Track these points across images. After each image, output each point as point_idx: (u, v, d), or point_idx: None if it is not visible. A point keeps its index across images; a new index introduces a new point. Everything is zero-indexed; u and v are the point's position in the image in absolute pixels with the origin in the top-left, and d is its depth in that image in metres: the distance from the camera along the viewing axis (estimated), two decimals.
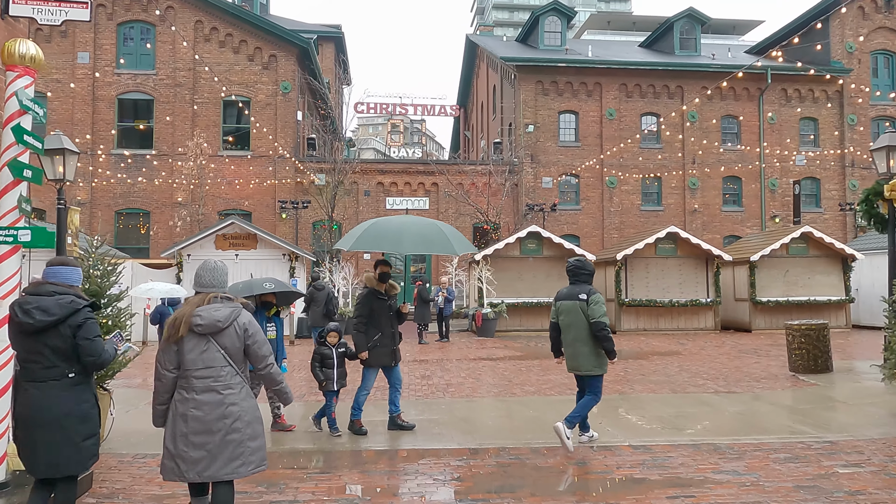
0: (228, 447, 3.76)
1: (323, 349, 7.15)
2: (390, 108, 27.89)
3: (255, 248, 18.98)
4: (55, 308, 3.79)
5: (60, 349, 3.80)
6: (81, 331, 3.83)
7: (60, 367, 3.81)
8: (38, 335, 3.78)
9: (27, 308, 3.78)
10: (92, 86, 26.16)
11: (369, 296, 7.04)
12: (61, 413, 3.77)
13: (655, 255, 20.24)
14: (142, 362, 12.28)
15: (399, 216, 7.22)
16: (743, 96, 28.89)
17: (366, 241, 6.89)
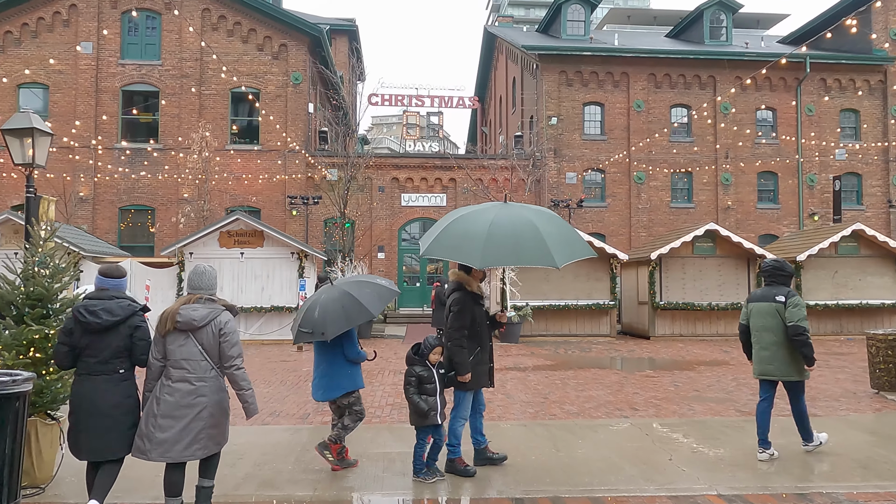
0: (190, 433, 4.25)
1: (419, 370, 5.51)
2: (406, 99, 26.52)
3: (262, 245, 17.71)
4: (118, 310, 4.33)
5: (117, 347, 4.30)
6: (138, 332, 4.39)
7: (113, 363, 4.30)
8: (101, 333, 4.28)
9: (93, 309, 4.29)
10: (95, 77, 25.06)
11: (468, 299, 5.61)
12: (111, 404, 4.25)
13: (692, 255, 18.72)
14: None
15: (488, 210, 5.35)
16: (779, 87, 27.23)
17: (440, 247, 5.39)
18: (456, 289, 5.73)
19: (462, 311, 5.57)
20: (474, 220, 5.35)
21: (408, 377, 5.56)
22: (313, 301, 5.76)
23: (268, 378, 11.53)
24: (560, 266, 5.02)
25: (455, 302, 5.63)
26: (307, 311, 5.67)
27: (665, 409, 8.53)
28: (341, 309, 5.55)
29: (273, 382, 11.06)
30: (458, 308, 5.59)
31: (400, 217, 26.11)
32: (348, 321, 5.58)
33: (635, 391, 9.94)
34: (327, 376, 5.81)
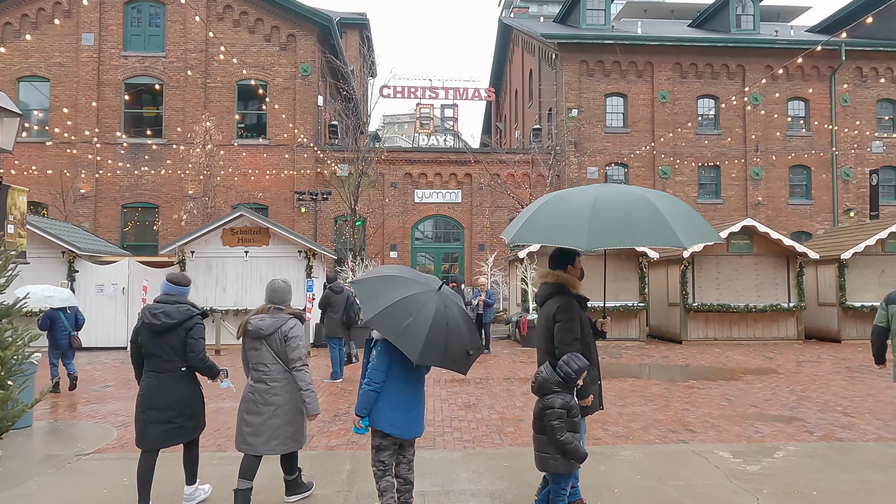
0: (269, 429, 4.75)
1: (567, 399, 4.30)
2: (419, 91, 25.40)
3: (268, 243, 16.64)
4: (176, 313, 4.77)
5: (176, 347, 4.76)
6: (192, 332, 4.80)
7: (175, 361, 4.76)
8: (162, 335, 4.74)
9: (155, 313, 4.76)
10: (97, 70, 24.14)
11: (574, 304, 4.60)
12: (173, 399, 4.73)
13: (728, 253, 17.45)
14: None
15: (589, 187, 4.52)
16: (812, 76, 25.85)
17: (533, 230, 4.46)
18: (556, 292, 4.65)
19: (572, 318, 4.51)
20: (571, 198, 4.44)
21: (548, 411, 4.23)
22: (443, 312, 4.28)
23: None
24: (688, 247, 4.13)
25: (561, 309, 4.52)
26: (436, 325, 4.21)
27: (726, 430, 7.34)
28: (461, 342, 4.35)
29: None
30: (566, 316, 4.50)
31: (413, 214, 25.00)
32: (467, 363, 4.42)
33: (684, 406, 8.74)
34: (423, 409, 4.55)
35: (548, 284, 4.74)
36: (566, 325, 4.49)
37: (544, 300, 4.71)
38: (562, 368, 4.30)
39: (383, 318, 4.14)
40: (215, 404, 9.08)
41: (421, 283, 4.39)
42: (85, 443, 6.90)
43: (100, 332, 16.12)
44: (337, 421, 8.10)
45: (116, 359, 14.26)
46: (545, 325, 4.65)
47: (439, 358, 4.13)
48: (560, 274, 4.70)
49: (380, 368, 4.31)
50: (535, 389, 4.37)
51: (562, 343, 4.49)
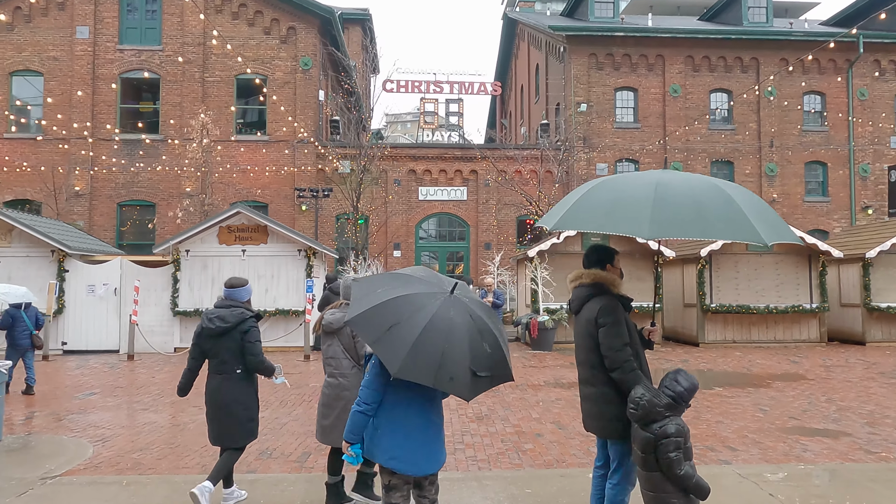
0: (342, 423, 4.47)
1: (679, 423, 3.55)
2: (423, 86, 24.67)
3: (266, 242, 15.92)
4: (230, 317, 4.90)
5: (232, 350, 4.88)
6: (247, 336, 4.91)
7: (231, 363, 4.89)
8: (218, 338, 4.88)
9: (211, 317, 4.93)
10: (92, 63, 23.45)
11: (618, 305, 3.91)
12: (230, 399, 4.88)
13: (747, 252, 16.68)
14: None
15: (647, 172, 3.86)
16: (828, 69, 25.06)
17: (582, 216, 3.78)
18: (597, 293, 3.95)
19: (618, 321, 3.83)
20: (627, 183, 3.80)
21: (664, 441, 3.46)
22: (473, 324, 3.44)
23: (265, 397, 9.69)
24: (769, 244, 3.51)
25: (604, 311, 3.85)
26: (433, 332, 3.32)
27: (770, 447, 6.59)
28: (489, 359, 3.43)
29: (271, 404, 9.24)
30: (612, 318, 3.82)
31: (417, 212, 24.26)
32: (492, 382, 3.47)
33: (717, 419, 7.99)
34: (439, 438, 3.62)
35: (584, 286, 4.02)
36: (613, 329, 3.79)
37: (581, 304, 3.99)
38: (670, 388, 3.58)
39: (366, 319, 3.35)
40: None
41: (430, 283, 3.56)
42: (55, 462, 6.18)
43: (90, 334, 15.43)
44: None
45: (106, 363, 13.55)
46: (586, 333, 3.93)
47: (430, 374, 3.19)
48: (598, 273, 4.00)
49: (372, 385, 3.46)
50: (640, 417, 3.59)
51: (611, 350, 3.78)
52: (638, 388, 3.70)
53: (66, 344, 15.30)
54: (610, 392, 3.85)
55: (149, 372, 12.36)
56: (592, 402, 3.97)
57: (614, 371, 3.79)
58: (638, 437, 3.59)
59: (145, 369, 12.72)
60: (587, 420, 4.04)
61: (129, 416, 8.44)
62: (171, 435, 7.38)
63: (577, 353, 4.05)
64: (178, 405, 9.14)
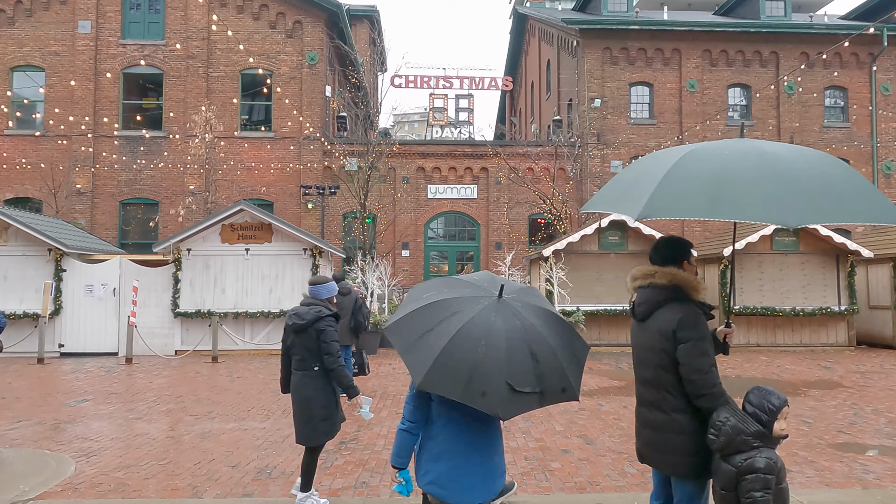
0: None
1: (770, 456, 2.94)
2: (432, 81, 24.03)
3: (270, 241, 15.32)
4: (306, 315, 4.94)
5: (309, 347, 4.91)
6: (322, 335, 4.89)
7: (309, 361, 4.92)
8: (297, 335, 4.94)
9: (291, 314, 5.01)
10: (94, 59, 22.92)
11: (701, 316, 3.19)
12: (307, 397, 4.90)
13: (771, 251, 15.98)
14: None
15: (720, 143, 3.20)
16: (850, 64, 24.26)
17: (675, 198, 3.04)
18: (670, 298, 3.23)
19: (704, 337, 3.11)
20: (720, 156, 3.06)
21: (748, 476, 2.84)
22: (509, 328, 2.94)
23: (268, 406, 9.09)
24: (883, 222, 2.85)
25: (686, 324, 3.11)
26: (466, 341, 2.85)
27: (826, 468, 5.91)
28: (531, 373, 2.86)
29: (274, 413, 8.61)
30: (696, 333, 3.09)
31: (426, 211, 23.62)
32: (540, 400, 2.89)
33: None
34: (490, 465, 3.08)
35: (656, 288, 3.29)
36: (698, 347, 3.08)
37: (651, 310, 3.29)
38: (761, 410, 2.92)
39: (399, 326, 2.96)
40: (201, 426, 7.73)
41: (479, 286, 3.07)
42: (30, 482, 5.57)
43: (88, 336, 14.87)
44: (343, 451, 6.73)
45: (103, 367, 12.98)
46: (658, 348, 3.22)
47: (458, 387, 2.74)
48: (676, 273, 3.25)
49: (412, 401, 3.05)
50: (722, 446, 2.95)
51: (697, 372, 3.07)
52: (721, 410, 3.03)
53: (63, 346, 14.75)
54: (684, 420, 3.15)
55: (147, 376, 11.78)
56: (659, 430, 3.26)
57: (700, 398, 3.07)
58: (719, 470, 2.94)
59: (143, 373, 12.14)
60: (647, 451, 3.34)
61: (120, 427, 7.85)
62: (163, 449, 6.77)
63: (642, 370, 3.36)
64: (174, 414, 8.54)
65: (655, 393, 3.27)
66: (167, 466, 6.13)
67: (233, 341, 14.81)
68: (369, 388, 10.53)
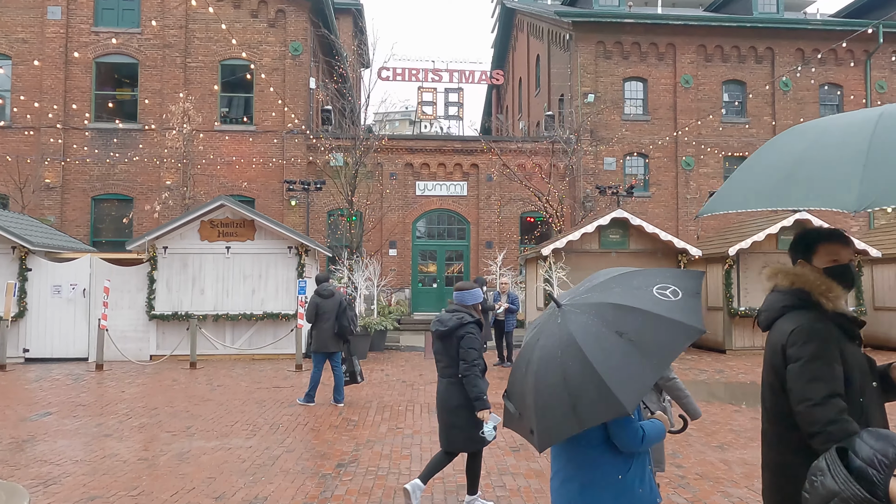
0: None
1: None
2: (420, 74, 23.20)
3: (253, 238, 14.40)
4: (448, 321, 4.87)
5: (452, 354, 4.82)
6: (462, 341, 4.78)
7: (453, 368, 4.82)
8: (441, 341, 4.91)
9: (435, 321, 4.98)
10: (64, 47, 21.74)
11: (823, 329, 2.39)
12: (453, 404, 4.80)
13: (777, 250, 15.41)
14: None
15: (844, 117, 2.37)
16: (846, 61, 23.90)
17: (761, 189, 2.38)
18: (792, 304, 2.49)
19: (819, 356, 2.33)
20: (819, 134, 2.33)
21: None
22: (529, 342, 2.77)
23: (253, 419, 8.22)
24: None
25: (799, 338, 2.38)
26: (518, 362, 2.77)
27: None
28: (562, 389, 2.44)
29: (260, 429, 7.74)
30: (809, 353, 2.35)
31: (414, 208, 22.80)
32: (575, 418, 2.40)
33: None
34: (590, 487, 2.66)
35: (780, 293, 2.55)
36: (810, 369, 2.32)
37: (772, 320, 2.53)
38: (871, 464, 2.03)
39: None
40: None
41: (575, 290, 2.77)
42: None
43: (55, 340, 13.83)
44: (343, 475, 5.90)
45: (70, 374, 11.97)
46: (769, 366, 2.50)
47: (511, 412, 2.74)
48: (800, 273, 2.51)
49: None
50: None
51: (804, 403, 2.31)
52: (821, 459, 2.22)
53: (27, 351, 13.70)
54: (796, 464, 2.39)
55: (118, 385, 10.82)
56: (770, 472, 2.55)
57: (811, 437, 2.30)
58: None
59: (115, 381, 11.18)
60: (764, 499, 2.60)
61: (86, 446, 6.93)
62: (134, 475, 5.88)
63: (762, 394, 2.61)
64: (148, 430, 7.64)
65: (767, 424, 2.57)
66: (139, 499, 5.25)
67: (213, 345, 13.86)
68: (363, 398, 9.69)
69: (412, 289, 22.65)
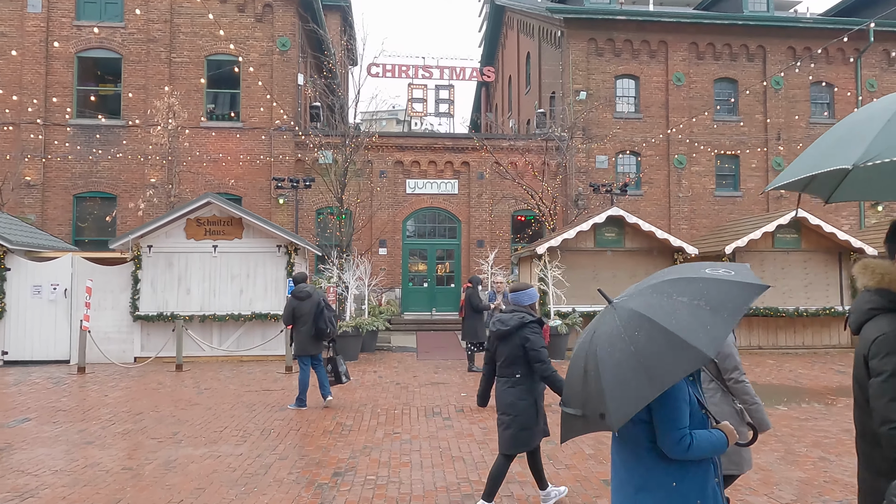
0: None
1: None
2: (411, 70, 22.87)
3: (241, 237, 14.01)
4: (510, 321, 4.82)
5: (512, 354, 4.79)
6: (528, 342, 4.73)
7: (511, 368, 4.79)
8: (501, 341, 4.86)
9: (495, 321, 4.93)
10: (45, 41, 21.17)
11: None
12: (506, 403, 4.79)
13: (773, 249, 15.28)
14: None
15: None
16: (836, 59, 23.87)
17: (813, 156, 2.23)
18: (879, 307, 2.19)
19: None
20: None
21: None
22: (582, 342, 2.70)
23: (243, 424, 7.87)
24: None
25: (881, 348, 2.10)
26: (572, 366, 2.68)
27: None
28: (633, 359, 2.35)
29: (251, 434, 7.40)
30: (895, 365, 2.05)
31: (405, 206, 22.46)
32: (651, 383, 2.29)
33: (816, 453, 6.39)
34: (642, 492, 2.56)
35: (868, 292, 2.27)
36: (892, 385, 2.04)
37: (860, 322, 2.26)
38: None
39: None
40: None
41: None
42: None
43: (36, 342, 13.37)
44: (340, 485, 5.58)
45: (51, 378, 11.54)
46: (855, 375, 2.24)
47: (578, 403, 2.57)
48: (887, 268, 2.24)
49: None
50: None
51: (886, 424, 2.04)
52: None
53: (6, 353, 13.22)
54: (880, 484, 2.12)
55: (101, 389, 10.42)
56: (859, 487, 2.32)
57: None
58: None
59: (97, 385, 10.77)
60: None
61: (66, 454, 6.56)
62: (118, 486, 5.53)
63: (856, 406, 2.33)
64: (132, 436, 7.27)
65: (859, 434, 2.30)
66: None
67: (199, 347, 13.46)
68: (356, 401, 9.36)
69: (402, 288, 22.32)
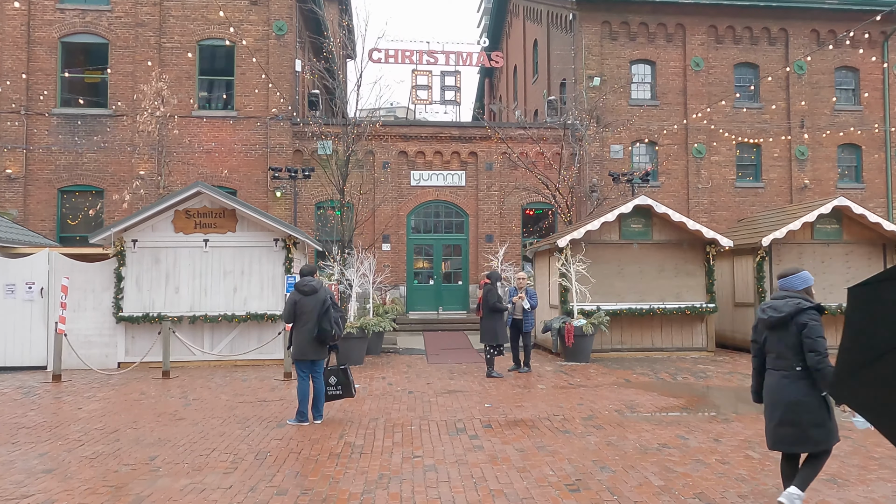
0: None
1: None
2: (415, 55, 21.65)
3: (234, 230, 12.81)
4: (784, 307, 4.34)
5: (789, 343, 4.30)
6: (806, 331, 4.24)
7: (788, 359, 4.32)
8: (773, 330, 4.38)
9: (765, 307, 4.47)
10: (27, 25, 19.94)
11: None
12: (787, 400, 4.31)
13: (812, 240, 14.12)
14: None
15: None
16: (861, 43, 22.68)
17: None
18: None
19: None
20: None
21: None
22: None
23: (234, 445, 6.67)
24: None
25: None
26: None
27: None
28: None
29: (244, 458, 6.18)
30: None
31: (409, 200, 21.27)
32: None
33: None
34: None
35: None
36: None
37: None
38: None
39: None
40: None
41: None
42: None
43: (9, 346, 12.16)
44: None
45: (22, 387, 10.31)
46: None
47: None
48: None
49: None
50: None
51: None
52: None
53: None
54: None
55: (76, 400, 9.21)
56: None
57: None
58: None
59: (73, 396, 9.56)
60: None
61: (17, 487, 5.36)
62: None
63: None
64: (102, 462, 6.06)
65: None
66: None
67: (189, 351, 12.24)
68: (365, 414, 8.17)
69: (407, 286, 21.13)
